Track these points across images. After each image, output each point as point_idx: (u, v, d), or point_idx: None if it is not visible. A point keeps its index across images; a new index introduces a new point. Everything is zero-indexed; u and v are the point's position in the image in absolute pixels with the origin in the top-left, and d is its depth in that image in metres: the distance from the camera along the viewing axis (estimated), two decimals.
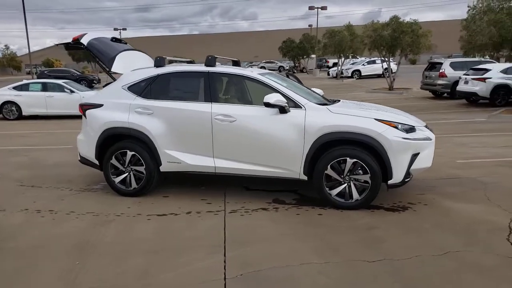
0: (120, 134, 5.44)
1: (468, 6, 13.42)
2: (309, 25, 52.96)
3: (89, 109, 5.62)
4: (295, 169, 4.91)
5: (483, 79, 15.60)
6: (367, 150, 4.70)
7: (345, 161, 4.73)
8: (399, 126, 4.74)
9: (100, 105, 5.56)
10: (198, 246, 3.95)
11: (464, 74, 16.60)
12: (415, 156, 4.72)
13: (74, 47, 5.92)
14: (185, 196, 5.48)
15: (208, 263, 3.60)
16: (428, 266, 3.44)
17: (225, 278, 3.31)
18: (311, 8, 38.09)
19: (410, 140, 4.68)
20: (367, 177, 4.70)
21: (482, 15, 12.72)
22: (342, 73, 32.86)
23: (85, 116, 5.66)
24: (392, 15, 21.10)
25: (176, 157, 5.25)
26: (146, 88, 5.44)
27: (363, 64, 32.70)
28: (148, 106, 5.32)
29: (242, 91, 5.58)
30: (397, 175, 4.68)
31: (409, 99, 18.67)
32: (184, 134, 5.20)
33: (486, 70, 16.09)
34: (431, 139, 4.93)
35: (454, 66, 18.27)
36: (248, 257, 3.68)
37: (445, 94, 18.60)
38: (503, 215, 4.53)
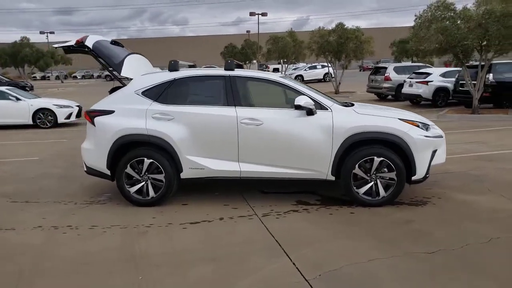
0: (136, 142, 5.18)
1: (415, 15, 14.47)
2: (247, 31, 53.83)
3: (97, 116, 5.29)
4: (323, 170, 5.02)
5: (426, 82, 16.99)
6: (393, 149, 4.95)
7: (372, 160, 4.94)
8: (420, 125, 5.06)
9: (111, 112, 5.25)
10: (254, 251, 3.91)
11: (408, 78, 17.94)
12: (434, 152, 5.07)
13: (76, 50, 5.55)
14: (205, 202, 5.35)
15: (278, 266, 3.58)
16: (483, 253, 3.72)
17: (306, 280, 3.32)
18: (252, 14, 38.71)
19: (430, 138, 5.02)
20: (393, 175, 4.95)
21: (428, 23, 13.79)
22: None
23: (93, 123, 5.31)
24: (318, 22, 22.27)
25: (199, 163, 5.11)
26: (162, 93, 5.24)
27: (305, 70, 33.92)
28: (168, 111, 5.13)
29: (264, 94, 5.59)
30: (420, 171, 4.98)
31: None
32: (208, 139, 5.09)
33: (428, 74, 17.54)
34: (442, 137, 5.31)
35: (397, 70, 19.65)
36: (314, 258, 3.71)
37: (389, 96, 19.91)
38: None
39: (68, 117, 13.87)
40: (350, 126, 4.91)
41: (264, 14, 39.62)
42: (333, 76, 25.92)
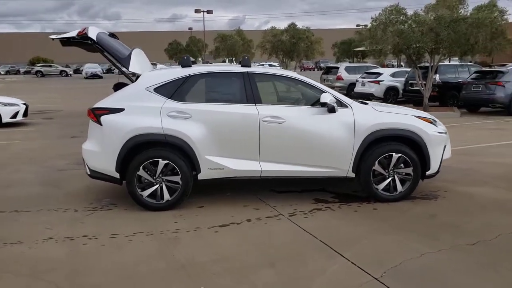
0: (150, 142, 4.83)
1: (371, 18, 15.14)
2: (189, 28, 52.89)
3: (105, 114, 4.86)
4: (344, 167, 5.05)
5: (378, 82, 17.89)
6: (409, 145, 5.10)
7: (390, 156, 5.05)
8: (432, 122, 5.27)
9: (120, 110, 4.85)
10: (305, 252, 3.82)
11: (361, 78, 18.74)
12: (444, 148, 5.31)
13: (77, 42, 5.05)
14: (221, 204, 5.14)
15: (339, 267, 3.52)
16: None
17: (375, 278, 3.30)
18: (197, 11, 37.93)
19: (442, 134, 5.25)
20: (409, 170, 5.10)
21: (383, 26, 14.51)
22: None
23: (99, 122, 4.86)
24: (254, 22, 22.90)
25: (219, 163, 4.90)
26: (177, 90, 4.94)
27: None
28: (185, 109, 4.84)
29: (283, 91, 5.48)
30: (434, 166, 5.18)
31: None
32: (228, 137, 4.89)
33: (379, 74, 18.47)
34: (447, 133, 5.58)
35: (348, 70, 20.48)
36: (368, 256, 3.71)
37: None
38: None
39: (14, 116, 12.58)
40: (372, 123, 4.97)
41: (209, 12, 39.08)
42: None
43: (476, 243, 3.92)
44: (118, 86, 5.26)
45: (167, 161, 4.82)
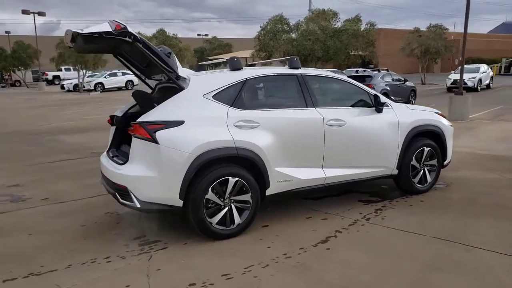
0: (221, 158, 4.05)
1: (260, 26, 15.76)
2: (6, 32, 44.81)
3: (161, 129, 3.86)
4: (391, 165, 5.17)
5: None
6: (433, 139, 5.54)
7: (422, 151, 5.40)
8: (445, 116, 5.84)
9: (180, 123, 3.93)
10: (438, 249, 3.79)
11: None
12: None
13: (110, 39, 3.84)
14: (283, 220, 4.66)
15: (492, 259, 3.58)
16: None
17: None
18: (24, 12, 32.08)
19: (452, 126, 5.87)
20: (434, 161, 5.54)
21: (271, 34, 15.31)
22: (84, 86, 29.91)
23: (154, 140, 3.83)
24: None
25: (288, 174, 4.44)
26: (237, 96, 4.27)
27: (105, 77, 30.90)
28: (252, 117, 4.22)
29: (332, 93, 5.22)
30: (449, 156, 5.77)
31: None
32: (296, 145, 4.46)
33: None
34: None
35: None
36: (493, 242, 3.88)
37: None
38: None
39: None
40: (410, 120, 5.23)
41: (41, 14, 33.65)
42: (136, 83, 25.33)
43: None
44: (139, 95, 4.26)
45: (237, 179, 4.12)
